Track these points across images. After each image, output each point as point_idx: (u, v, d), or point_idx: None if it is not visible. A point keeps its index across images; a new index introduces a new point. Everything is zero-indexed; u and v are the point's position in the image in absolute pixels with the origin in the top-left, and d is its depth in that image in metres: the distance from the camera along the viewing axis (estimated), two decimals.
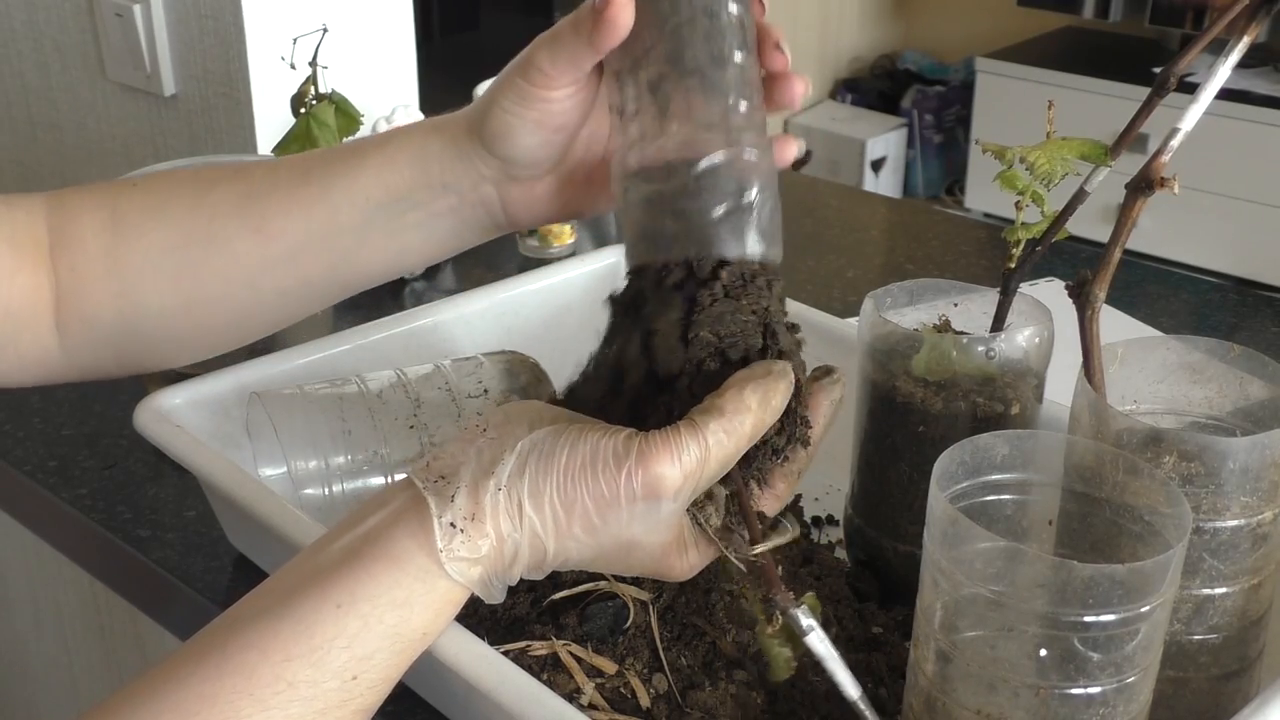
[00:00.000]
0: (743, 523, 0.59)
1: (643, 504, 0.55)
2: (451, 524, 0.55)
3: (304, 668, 0.52)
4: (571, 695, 0.62)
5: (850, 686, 0.58)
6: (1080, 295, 0.60)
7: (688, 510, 0.58)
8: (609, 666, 0.63)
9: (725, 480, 0.59)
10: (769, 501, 0.61)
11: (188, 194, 0.69)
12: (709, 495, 0.59)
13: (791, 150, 0.65)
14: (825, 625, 0.68)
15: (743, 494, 0.59)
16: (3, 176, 1.62)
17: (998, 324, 0.68)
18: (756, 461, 0.59)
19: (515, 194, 0.67)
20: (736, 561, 0.59)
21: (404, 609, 0.54)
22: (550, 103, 0.63)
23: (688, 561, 0.59)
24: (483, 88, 1.45)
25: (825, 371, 0.62)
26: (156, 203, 0.69)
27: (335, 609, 0.53)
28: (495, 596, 0.57)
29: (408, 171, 0.66)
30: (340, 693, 0.53)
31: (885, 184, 3.40)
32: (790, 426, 0.59)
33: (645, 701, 0.62)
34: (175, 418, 0.76)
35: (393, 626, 0.54)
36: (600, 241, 1.33)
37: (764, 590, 0.59)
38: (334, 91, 0.97)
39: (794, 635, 0.59)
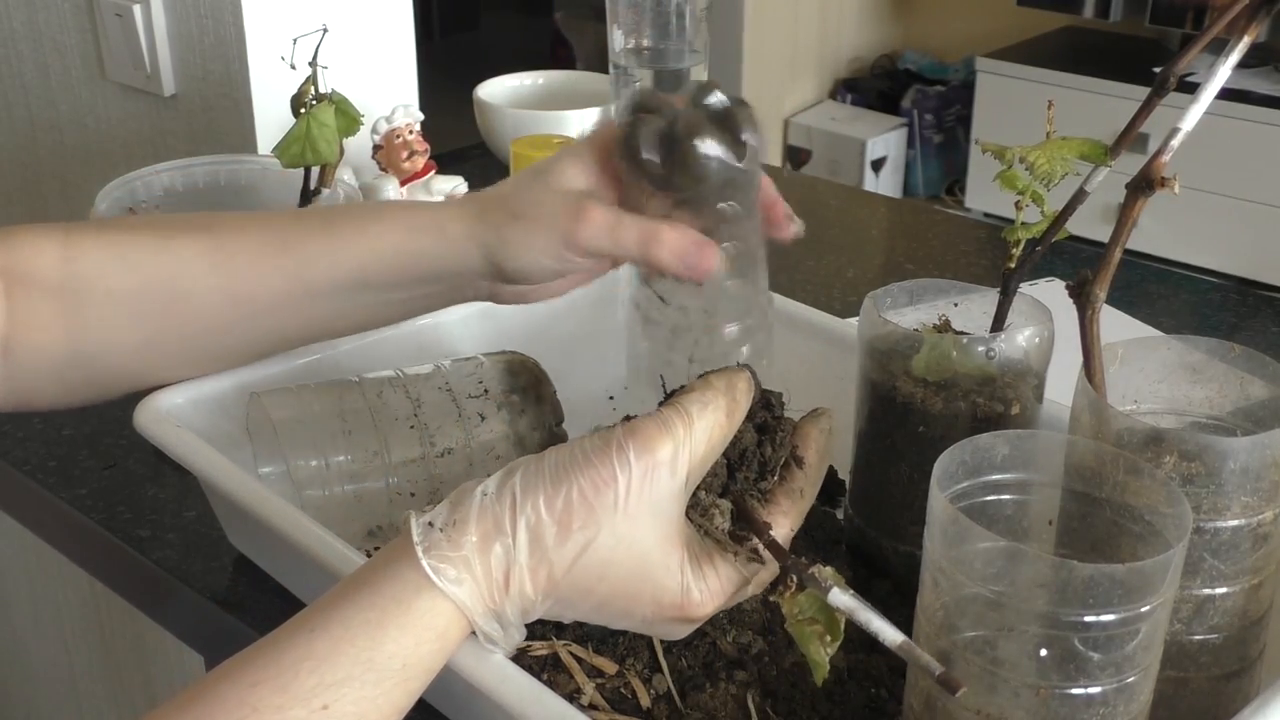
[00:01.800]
0: (749, 529, 0.59)
1: (638, 473, 0.54)
2: (430, 523, 0.54)
3: (270, 693, 0.50)
4: (572, 696, 0.62)
5: (891, 632, 0.54)
6: (1080, 295, 0.60)
7: (691, 518, 0.58)
8: (609, 667, 0.63)
9: (724, 492, 0.60)
10: (778, 520, 0.60)
11: (148, 240, 0.68)
12: (713, 505, 0.59)
13: (791, 230, 0.68)
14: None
15: (742, 503, 0.59)
16: (3, 177, 1.62)
17: (998, 324, 0.68)
18: (746, 470, 0.60)
19: (508, 291, 0.69)
20: (748, 560, 0.58)
21: (377, 631, 0.52)
22: (581, 265, 0.65)
23: (707, 585, 0.57)
24: (483, 89, 1.46)
25: (813, 412, 0.64)
26: (113, 243, 0.68)
27: (308, 633, 0.52)
28: (496, 629, 0.55)
29: (394, 262, 0.66)
30: None
31: (885, 184, 3.40)
32: (771, 438, 0.61)
33: (645, 702, 0.62)
34: (175, 418, 0.76)
35: (365, 650, 0.52)
36: None
37: (780, 567, 0.57)
38: (334, 92, 0.97)
39: (824, 610, 0.56)
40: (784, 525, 0.60)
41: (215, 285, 0.67)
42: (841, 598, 0.54)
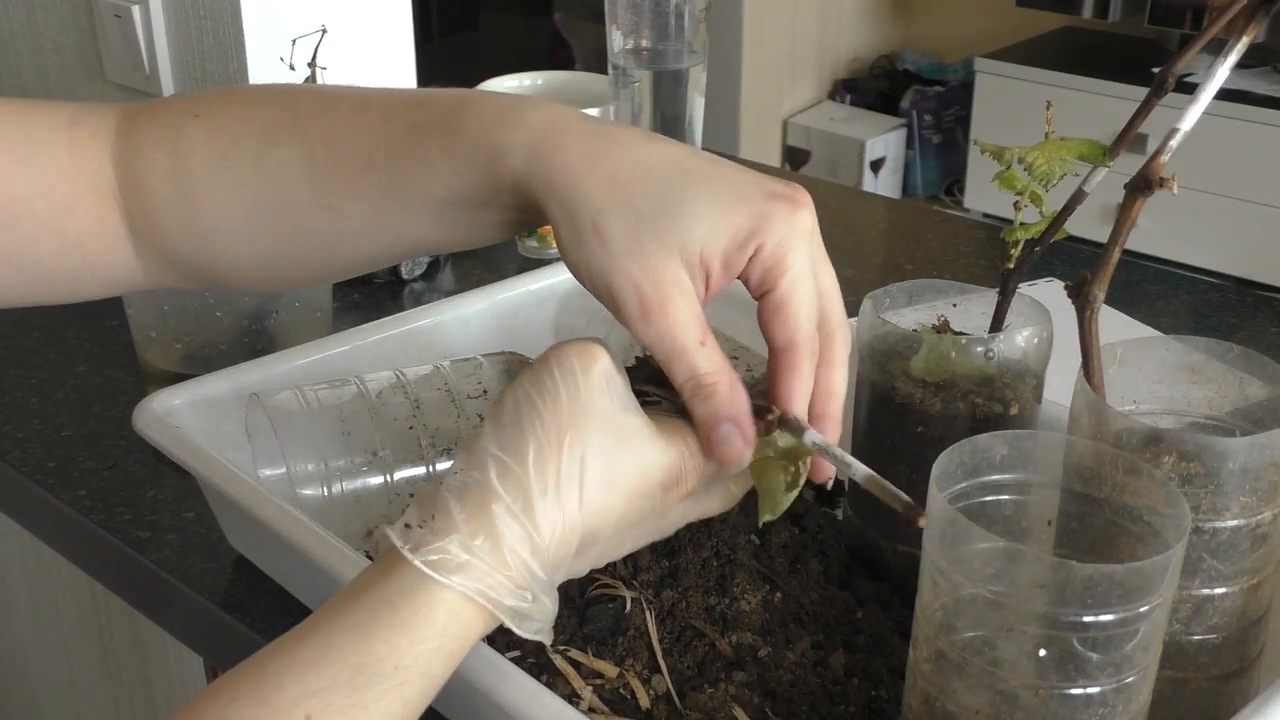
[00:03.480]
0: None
1: (580, 366, 0.54)
2: (406, 525, 0.52)
3: (249, 705, 0.48)
4: (572, 696, 0.62)
5: (860, 467, 0.55)
6: (1079, 295, 0.60)
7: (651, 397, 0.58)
8: (610, 669, 0.63)
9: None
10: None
11: (251, 148, 0.63)
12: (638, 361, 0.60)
13: (829, 471, 0.61)
14: (824, 619, 0.68)
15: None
16: None
17: (996, 324, 0.68)
18: None
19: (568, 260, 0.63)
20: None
21: (365, 634, 0.50)
22: None
23: (685, 444, 0.56)
24: (482, 89, 1.45)
25: None
26: (219, 152, 0.64)
27: (295, 643, 0.50)
28: (525, 602, 0.52)
29: (481, 190, 0.60)
30: None
31: (884, 184, 3.40)
32: None
33: (645, 703, 0.62)
34: (174, 419, 0.76)
35: (352, 655, 0.49)
36: None
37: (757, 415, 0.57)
38: None
39: (793, 455, 0.57)
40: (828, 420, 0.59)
41: (314, 201, 0.63)
42: (815, 436, 0.57)
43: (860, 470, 0.55)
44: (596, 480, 0.54)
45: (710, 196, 0.56)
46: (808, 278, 0.57)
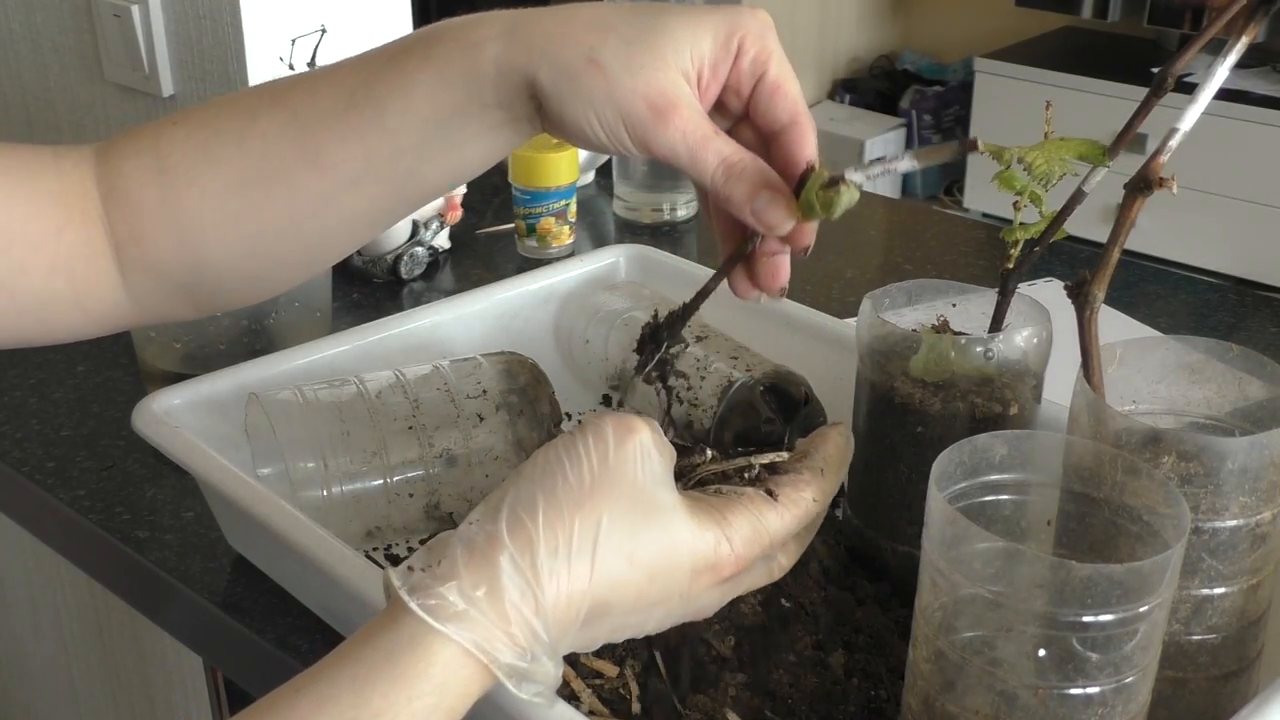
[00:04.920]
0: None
1: (615, 439, 0.53)
2: (409, 568, 0.51)
3: None
4: (571, 697, 0.62)
5: (904, 157, 0.56)
6: (1079, 295, 0.60)
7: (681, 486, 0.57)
8: (609, 669, 0.63)
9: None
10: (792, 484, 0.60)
11: (232, 128, 0.64)
12: (696, 450, 0.60)
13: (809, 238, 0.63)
14: (820, 619, 0.68)
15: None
16: None
17: (996, 324, 0.68)
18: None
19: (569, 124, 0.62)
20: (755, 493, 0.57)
21: (364, 687, 0.48)
22: (631, 152, 0.60)
23: (737, 533, 0.55)
24: None
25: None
26: (201, 143, 0.64)
27: (293, 694, 0.49)
28: (522, 661, 0.50)
29: (461, 91, 0.60)
30: None
31: (884, 184, 3.40)
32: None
33: (644, 703, 0.62)
34: (173, 419, 0.76)
35: (349, 710, 0.48)
36: (599, 241, 1.33)
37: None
38: None
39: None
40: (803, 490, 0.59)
41: (298, 161, 0.63)
42: (858, 175, 0.57)
43: (906, 160, 0.57)
44: (614, 550, 0.52)
45: (685, 14, 0.59)
46: (788, 62, 0.61)
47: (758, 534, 0.56)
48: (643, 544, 0.53)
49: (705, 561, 0.54)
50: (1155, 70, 0.66)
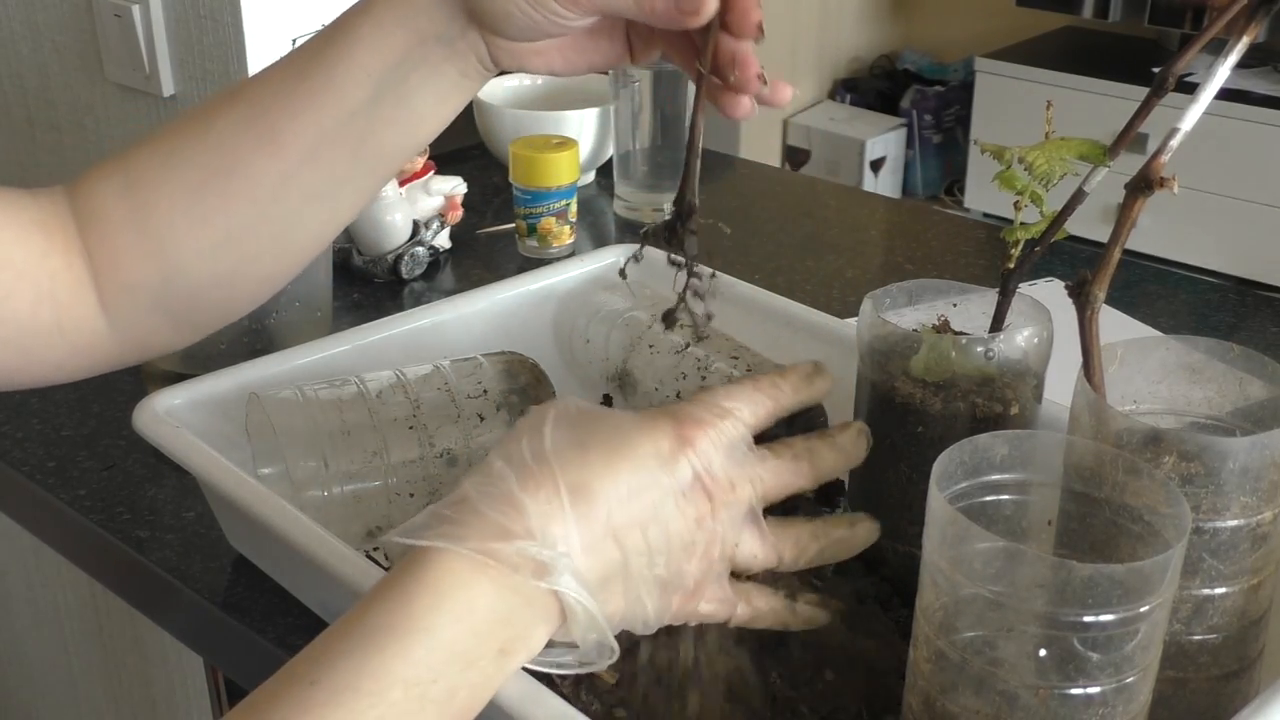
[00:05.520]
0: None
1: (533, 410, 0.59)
2: (434, 512, 0.55)
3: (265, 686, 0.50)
4: (571, 697, 0.62)
5: None
6: (1080, 295, 0.60)
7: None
8: (608, 676, 0.63)
9: None
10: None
11: (194, 131, 0.66)
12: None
13: (787, 93, 0.65)
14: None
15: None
16: (2, 177, 1.62)
17: (997, 324, 0.68)
18: None
19: (502, 51, 0.65)
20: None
21: (362, 609, 0.52)
22: (564, 20, 0.61)
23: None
24: (482, 89, 1.45)
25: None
26: (165, 151, 0.66)
27: (307, 686, 0.50)
28: (536, 547, 0.53)
29: (400, 33, 0.63)
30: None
31: (884, 184, 3.40)
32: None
33: (644, 703, 0.62)
34: (174, 418, 0.76)
35: (355, 623, 0.51)
36: (600, 241, 1.33)
37: None
38: None
39: None
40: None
41: (255, 146, 0.65)
42: None
43: None
44: (565, 442, 0.56)
45: None
46: None
47: (711, 410, 0.60)
48: (590, 431, 0.57)
49: (663, 435, 0.58)
50: (1156, 70, 0.66)
